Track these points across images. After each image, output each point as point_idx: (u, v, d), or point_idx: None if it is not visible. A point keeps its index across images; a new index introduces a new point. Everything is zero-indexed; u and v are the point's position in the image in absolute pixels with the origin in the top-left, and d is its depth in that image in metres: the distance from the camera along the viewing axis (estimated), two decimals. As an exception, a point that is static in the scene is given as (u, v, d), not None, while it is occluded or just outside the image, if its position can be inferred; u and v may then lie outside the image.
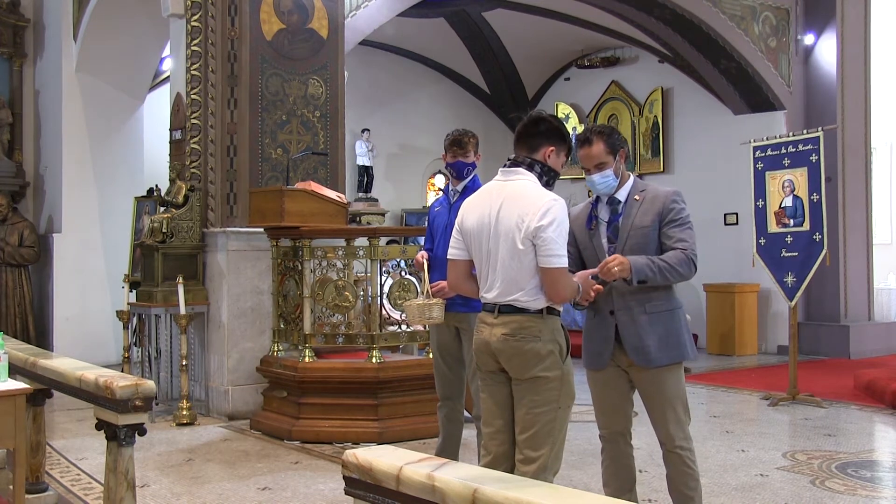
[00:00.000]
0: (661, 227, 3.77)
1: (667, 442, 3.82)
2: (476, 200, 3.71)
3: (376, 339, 6.68)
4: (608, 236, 3.86)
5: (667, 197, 3.81)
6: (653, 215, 3.78)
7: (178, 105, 7.96)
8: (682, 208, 3.80)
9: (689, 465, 3.80)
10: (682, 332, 3.81)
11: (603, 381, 3.93)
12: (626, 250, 3.76)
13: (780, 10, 11.57)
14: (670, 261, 3.68)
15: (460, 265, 3.75)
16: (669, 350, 3.76)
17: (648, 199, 3.82)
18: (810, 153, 8.13)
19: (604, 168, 3.84)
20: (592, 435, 6.84)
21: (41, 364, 4.35)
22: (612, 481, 3.97)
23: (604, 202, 3.91)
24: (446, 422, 4.99)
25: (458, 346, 4.91)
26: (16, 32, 10.37)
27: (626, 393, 3.92)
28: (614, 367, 3.87)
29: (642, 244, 3.77)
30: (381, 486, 2.54)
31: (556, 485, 2.87)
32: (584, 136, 3.90)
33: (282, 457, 6.11)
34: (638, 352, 3.77)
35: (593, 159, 3.85)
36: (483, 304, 3.61)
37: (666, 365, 3.76)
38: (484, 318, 3.59)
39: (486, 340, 3.55)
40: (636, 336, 3.77)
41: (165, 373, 7.77)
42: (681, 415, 3.80)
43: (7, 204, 9.99)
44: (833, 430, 6.91)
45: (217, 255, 7.61)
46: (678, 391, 3.80)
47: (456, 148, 4.91)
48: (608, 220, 3.88)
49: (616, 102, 13.98)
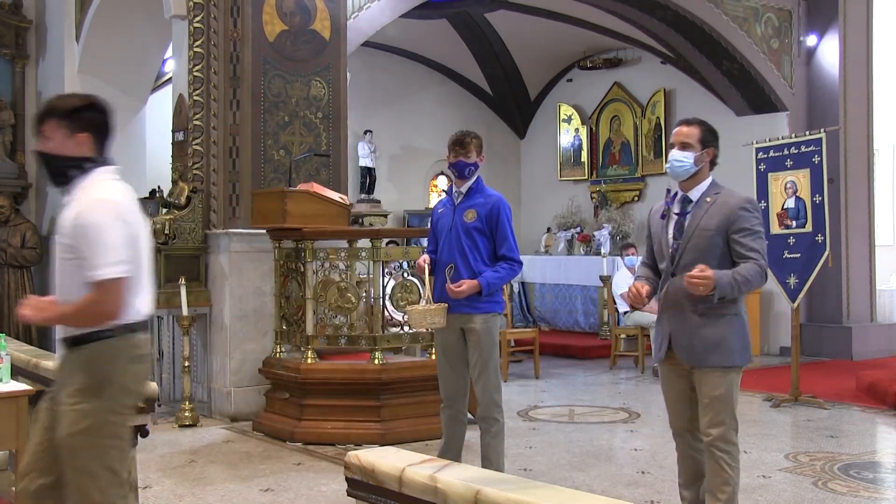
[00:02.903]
0: (730, 234, 3.80)
1: (704, 436, 3.88)
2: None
3: (378, 341, 6.68)
4: (674, 232, 3.92)
5: (737, 204, 3.84)
6: (719, 219, 3.82)
7: (181, 106, 7.97)
8: (752, 216, 3.84)
9: (724, 467, 3.82)
10: (733, 338, 3.83)
11: (663, 376, 4.07)
12: (687, 249, 3.83)
13: (783, 12, 11.56)
14: (748, 275, 3.74)
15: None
16: (717, 353, 3.81)
17: (719, 203, 3.86)
18: (812, 154, 8.12)
19: (686, 150, 3.89)
20: (594, 436, 6.87)
21: (43, 365, 4.35)
22: (682, 473, 4.08)
23: (678, 197, 3.96)
24: (449, 423, 4.99)
25: (463, 347, 4.92)
26: (18, 34, 10.37)
27: (684, 390, 3.96)
28: (673, 365, 3.95)
29: (704, 246, 3.81)
30: (383, 487, 2.55)
31: (557, 485, 2.87)
32: (687, 119, 4.03)
33: (284, 458, 6.11)
34: (684, 350, 3.86)
35: (682, 136, 3.92)
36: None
37: (712, 367, 3.81)
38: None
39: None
40: (685, 335, 3.85)
41: (168, 374, 7.78)
42: (723, 416, 3.82)
43: (9, 205, 9.99)
44: (835, 432, 6.90)
45: (219, 257, 7.61)
46: (723, 394, 3.82)
47: (458, 148, 4.92)
48: (676, 217, 3.94)
49: (618, 104, 13.97)
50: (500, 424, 4.93)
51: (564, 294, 12.75)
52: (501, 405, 4.95)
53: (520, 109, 15.32)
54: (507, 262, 4.90)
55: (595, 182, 14.18)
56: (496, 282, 4.86)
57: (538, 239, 14.44)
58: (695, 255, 3.80)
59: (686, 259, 3.83)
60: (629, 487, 5.36)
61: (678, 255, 3.88)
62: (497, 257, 4.91)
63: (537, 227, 14.76)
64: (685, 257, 3.85)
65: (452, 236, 4.91)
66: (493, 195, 4.99)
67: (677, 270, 3.86)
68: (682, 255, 3.86)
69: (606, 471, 5.79)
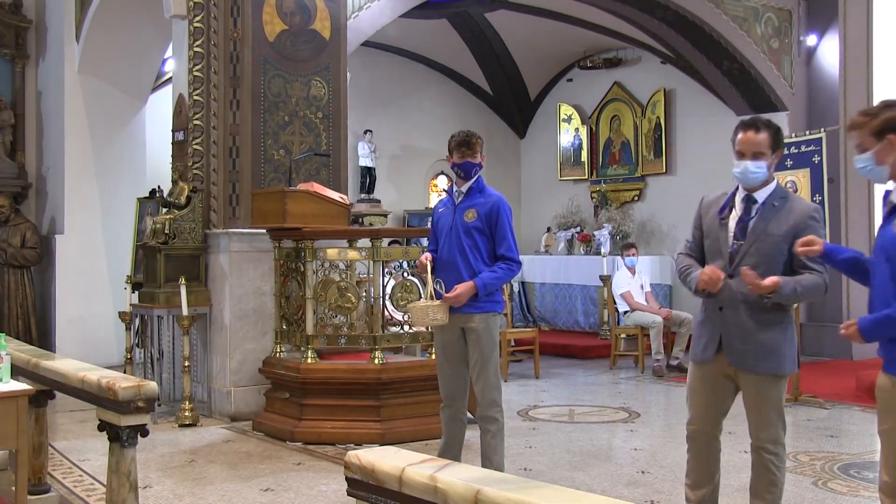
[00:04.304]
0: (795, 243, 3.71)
1: (753, 439, 3.87)
2: None
3: (378, 341, 6.68)
4: (735, 233, 3.83)
5: (806, 212, 3.78)
6: (787, 226, 3.75)
7: (181, 106, 7.97)
8: (819, 227, 3.77)
9: (770, 469, 3.82)
10: (785, 346, 3.81)
11: (702, 375, 3.96)
12: (750, 252, 3.75)
13: (783, 12, 11.56)
14: (810, 285, 3.70)
15: None
16: (768, 360, 3.78)
17: (787, 209, 3.79)
18: (812, 154, 8.13)
19: (760, 158, 3.79)
20: (594, 435, 6.87)
21: (43, 365, 4.35)
22: (692, 474, 4.04)
23: (741, 197, 3.87)
24: (449, 423, 4.99)
25: (463, 346, 4.92)
26: (18, 34, 10.37)
27: (723, 394, 3.93)
28: (717, 366, 3.88)
29: (769, 252, 3.75)
30: (383, 487, 2.54)
31: (557, 485, 2.87)
32: (752, 122, 3.87)
33: (284, 458, 6.11)
34: (737, 354, 3.80)
35: (754, 146, 3.79)
36: None
37: (762, 374, 3.79)
38: None
39: None
40: (739, 339, 3.79)
41: (168, 374, 7.78)
42: (772, 419, 3.82)
43: (9, 205, 10.00)
44: (835, 432, 6.90)
45: (219, 257, 7.61)
46: (771, 399, 3.83)
47: (464, 148, 4.93)
48: (739, 217, 3.84)
49: (618, 103, 13.97)
50: (500, 424, 4.93)
51: (564, 294, 12.75)
52: (501, 405, 4.95)
53: (520, 109, 15.32)
54: (506, 262, 4.90)
55: (595, 182, 14.18)
56: (493, 282, 4.86)
57: (538, 239, 14.45)
58: (757, 259, 3.72)
59: (747, 262, 3.73)
60: (629, 487, 5.36)
61: (739, 258, 3.78)
62: (496, 257, 4.92)
63: (537, 227, 14.76)
64: (746, 260, 3.74)
65: (453, 236, 4.92)
66: (494, 195, 4.99)
67: (736, 272, 3.75)
68: (744, 258, 3.76)
69: (606, 470, 5.79)
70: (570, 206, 14.18)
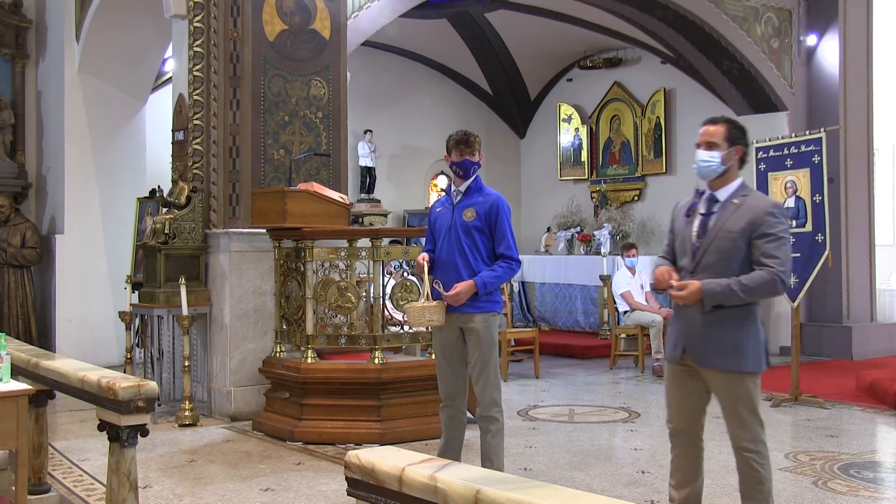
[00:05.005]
0: (753, 238, 3.76)
1: (732, 440, 3.86)
2: None
3: (378, 340, 6.68)
4: (697, 231, 3.89)
5: (764, 207, 3.80)
6: (744, 223, 3.77)
7: (181, 106, 7.97)
8: (777, 222, 3.77)
9: (753, 467, 3.81)
10: (747, 343, 3.79)
11: (672, 374, 4.01)
12: (710, 250, 3.81)
13: (783, 11, 11.56)
14: (752, 283, 3.70)
15: None
16: (729, 357, 3.78)
17: (746, 206, 3.82)
18: (812, 154, 8.12)
19: (713, 149, 3.86)
20: (594, 435, 6.87)
21: (43, 365, 4.35)
22: (676, 473, 4.05)
23: (705, 196, 3.93)
24: (449, 423, 4.99)
25: (462, 346, 4.91)
26: (18, 33, 10.37)
27: (692, 392, 3.94)
28: (686, 365, 3.92)
29: (727, 249, 3.78)
30: (383, 487, 2.55)
31: (557, 485, 2.87)
32: (713, 118, 3.99)
33: (284, 458, 6.11)
34: (697, 351, 3.84)
35: (708, 136, 3.89)
36: None
37: (724, 371, 3.79)
38: None
39: None
40: (700, 336, 3.82)
41: (168, 374, 7.77)
42: (746, 417, 3.80)
43: (9, 205, 10.00)
44: (835, 431, 6.90)
45: (219, 256, 7.61)
46: (741, 396, 3.80)
47: (463, 147, 4.92)
48: (701, 215, 3.91)
49: (618, 103, 13.98)
50: (500, 424, 4.93)
51: (564, 294, 12.75)
52: (501, 405, 4.94)
53: (520, 109, 15.33)
54: (505, 261, 4.90)
55: (595, 182, 14.19)
56: (493, 281, 4.86)
57: (538, 238, 14.45)
58: (717, 257, 3.77)
59: (707, 259, 3.81)
60: (629, 487, 5.36)
61: (700, 255, 3.84)
62: (496, 256, 4.92)
63: (537, 227, 14.77)
64: (707, 258, 3.81)
65: (452, 235, 4.91)
66: (492, 194, 4.99)
67: (697, 270, 3.83)
68: (704, 256, 3.83)
69: (606, 470, 5.79)
70: (570, 205, 14.19)
